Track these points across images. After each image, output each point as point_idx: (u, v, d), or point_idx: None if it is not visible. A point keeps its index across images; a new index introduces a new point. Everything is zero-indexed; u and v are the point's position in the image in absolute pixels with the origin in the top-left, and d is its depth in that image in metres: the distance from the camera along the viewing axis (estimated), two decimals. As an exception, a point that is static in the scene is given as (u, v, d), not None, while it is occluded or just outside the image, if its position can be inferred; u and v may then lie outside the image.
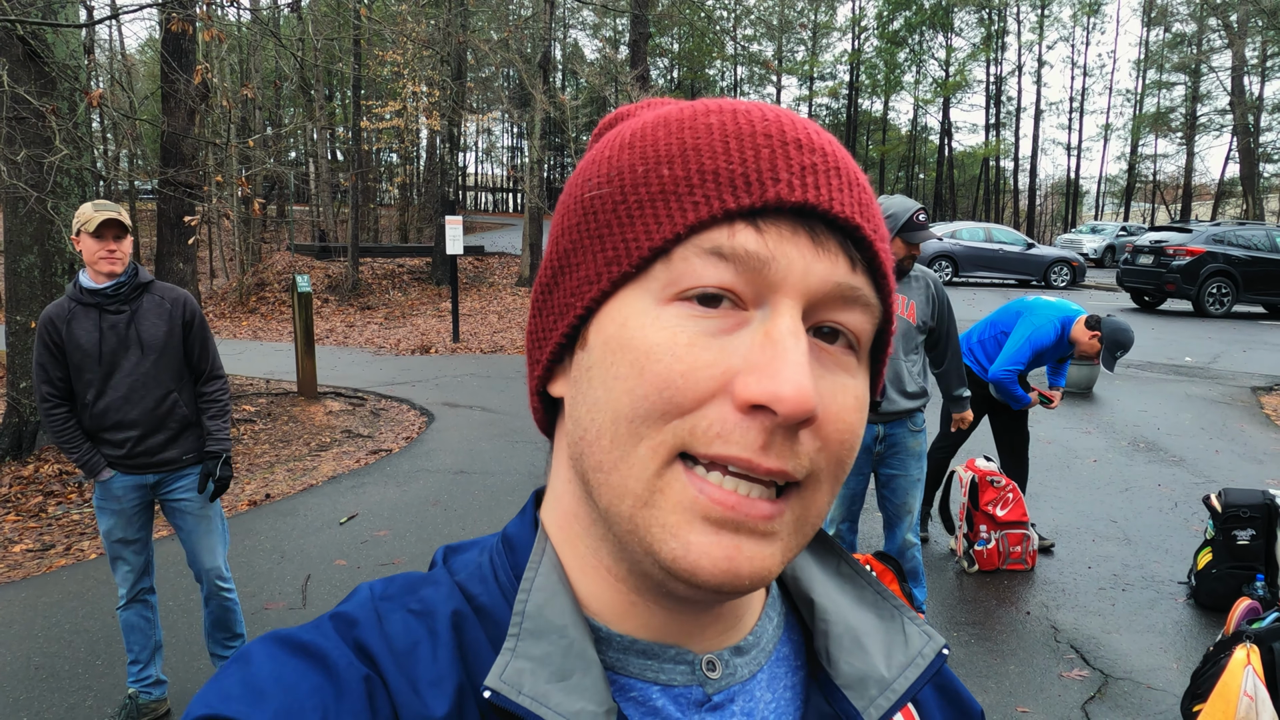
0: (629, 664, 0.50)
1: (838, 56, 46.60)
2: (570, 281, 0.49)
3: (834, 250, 0.45)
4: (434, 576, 0.53)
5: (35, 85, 7.03)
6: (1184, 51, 38.90)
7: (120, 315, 3.17)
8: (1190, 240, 15.52)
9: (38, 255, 7.51)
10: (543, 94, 17.79)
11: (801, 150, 0.45)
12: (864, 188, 0.47)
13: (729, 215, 0.44)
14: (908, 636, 0.55)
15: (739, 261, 0.44)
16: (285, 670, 0.45)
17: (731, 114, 0.46)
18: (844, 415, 0.45)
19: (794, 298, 0.44)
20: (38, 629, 4.12)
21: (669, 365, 0.43)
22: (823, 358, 0.45)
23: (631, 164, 0.47)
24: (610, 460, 0.45)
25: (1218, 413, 8.35)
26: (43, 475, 6.81)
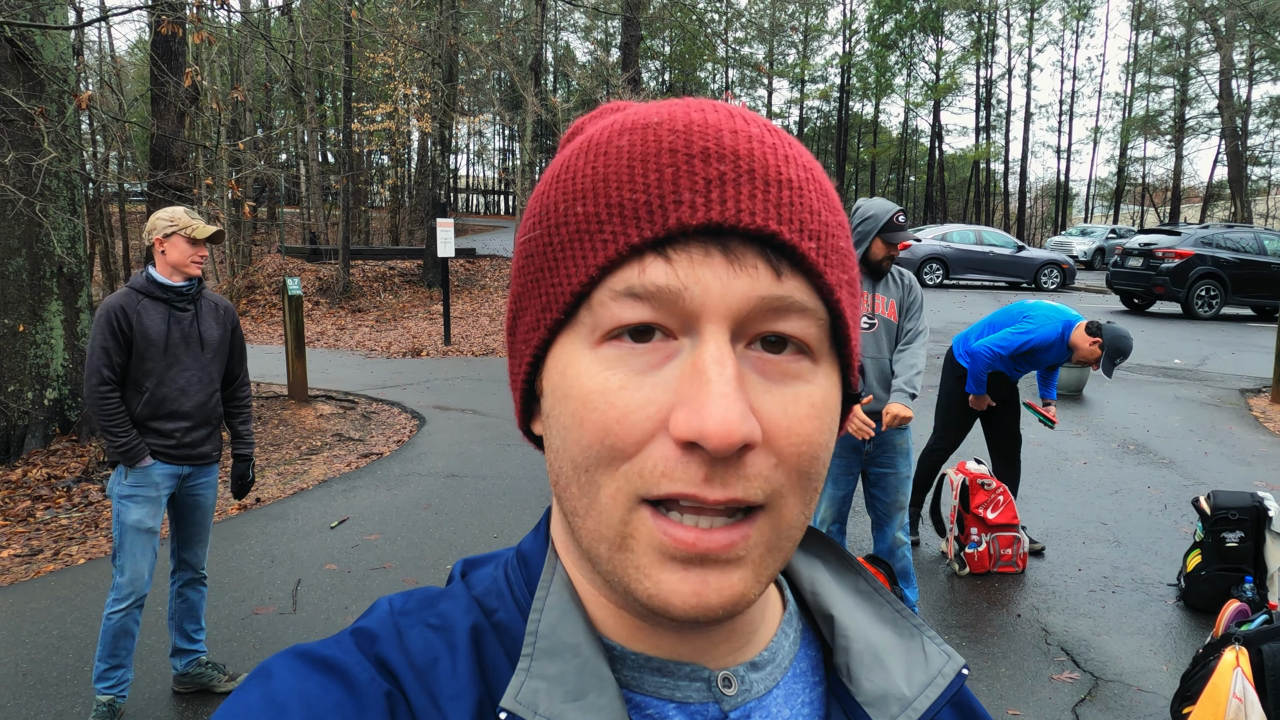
0: (644, 682, 0.49)
1: (829, 59, 46.74)
2: (522, 327, 0.50)
3: (752, 263, 0.43)
4: (452, 591, 0.53)
5: (23, 87, 7.00)
6: (1172, 55, 39.12)
7: (186, 313, 3.38)
8: (1179, 243, 15.60)
9: (26, 258, 7.47)
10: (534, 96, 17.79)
11: (708, 161, 0.43)
12: (787, 184, 0.44)
13: (635, 250, 0.43)
14: (928, 655, 0.54)
15: (652, 298, 0.43)
16: (307, 685, 0.45)
17: (643, 132, 0.45)
18: (797, 427, 0.44)
19: (717, 321, 0.43)
20: (25, 635, 4.09)
21: (604, 413, 0.43)
22: (768, 370, 0.44)
23: (555, 201, 0.47)
24: (582, 507, 0.45)
25: (1206, 415, 8.40)
26: (31, 480, 6.76)
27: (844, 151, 46.24)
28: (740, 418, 0.40)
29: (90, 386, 3.20)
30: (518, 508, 5.78)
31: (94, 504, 6.24)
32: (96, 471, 6.83)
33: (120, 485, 3.29)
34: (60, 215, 7.67)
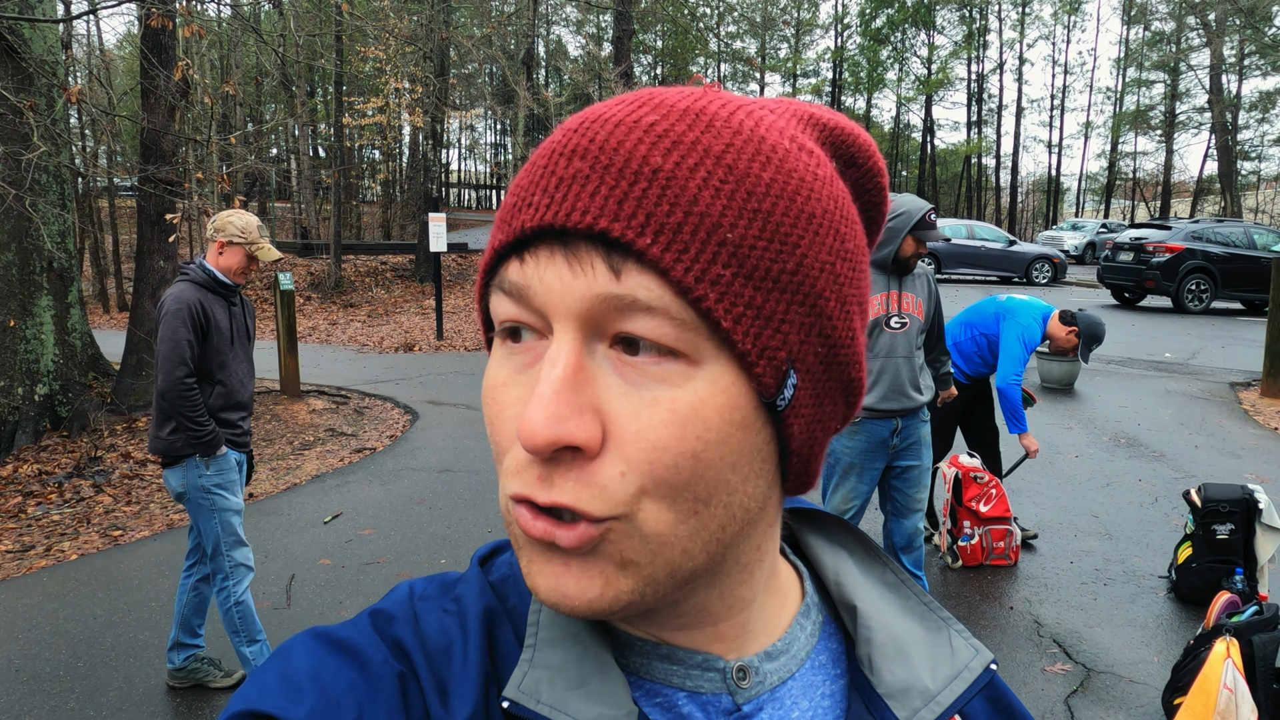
0: (653, 668, 0.49)
1: (821, 54, 46.73)
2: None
3: (589, 263, 0.41)
4: (468, 576, 0.54)
5: (12, 81, 6.96)
6: (1163, 50, 39.24)
7: (237, 308, 3.52)
8: (1170, 237, 15.66)
9: (15, 253, 7.43)
10: (526, 90, 17.75)
11: (571, 159, 0.42)
12: (649, 176, 0.41)
13: (499, 254, 0.44)
14: (954, 649, 0.53)
15: (511, 295, 0.44)
16: (323, 667, 0.46)
17: (554, 133, 0.45)
18: (648, 433, 0.41)
19: (563, 321, 0.42)
20: (18, 631, 4.08)
21: (491, 408, 0.45)
22: (627, 373, 0.42)
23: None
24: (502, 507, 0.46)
25: (1197, 408, 8.44)
26: (22, 475, 6.74)
27: (836, 146, 46.21)
28: (550, 419, 0.39)
29: (175, 379, 3.22)
30: (511, 502, 5.78)
31: (85, 500, 6.22)
32: (88, 467, 6.80)
33: (205, 477, 3.35)
34: (50, 210, 7.63)
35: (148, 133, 8.42)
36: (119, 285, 20.98)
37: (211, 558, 3.41)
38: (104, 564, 4.92)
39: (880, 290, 3.61)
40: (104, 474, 6.73)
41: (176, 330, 3.24)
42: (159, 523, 5.68)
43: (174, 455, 3.34)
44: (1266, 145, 37.93)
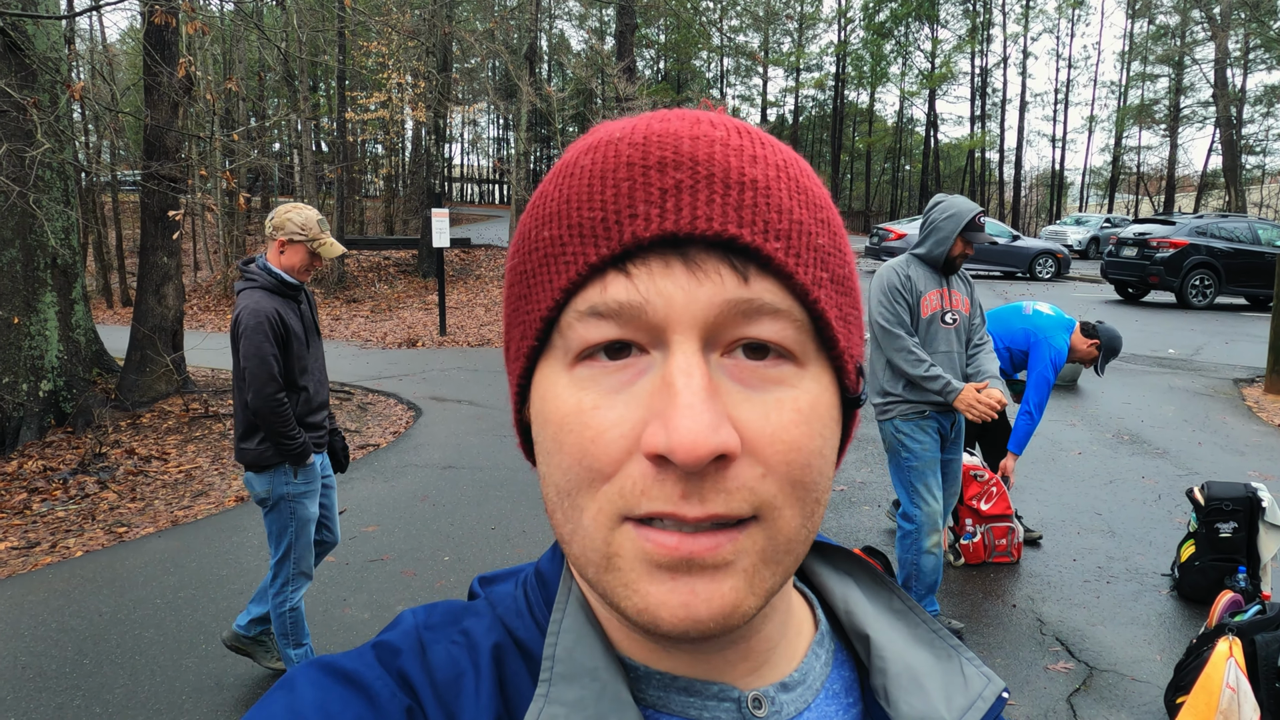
0: (670, 701, 0.49)
1: (824, 48, 46.58)
2: (510, 357, 0.51)
3: (715, 270, 0.42)
4: (476, 608, 0.53)
5: (15, 78, 6.96)
6: (1168, 44, 39.08)
7: (304, 306, 3.44)
8: (1173, 232, 15.63)
9: (20, 249, 7.44)
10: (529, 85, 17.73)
11: (665, 170, 0.42)
12: (751, 185, 0.43)
13: (594, 269, 0.43)
14: (966, 678, 0.53)
15: (615, 316, 0.42)
16: (329, 698, 0.45)
17: (604, 149, 0.45)
18: (781, 434, 0.42)
19: (684, 332, 0.42)
20: (24, 628, 4.09)
21: (579, 434, 0.43)
22: (747, 378, 0.43)
23: (529, 228, 0.47)
24: (568, 533, 0.45)
25: (1200, 405, 8.43)
26: (26, 472, 6.76)
27: (839, 141, 46.14)
28: (708, 428, 0.39)
29: (268, 395, 3.17)
30: (515, 499, 5.79)
31: (90, 496, 6.24)
32: (93, 464, 6.82)
33: (292, 485, 3.33)
34: (54, 206, 7.64)
35: (151, 129, 8.43)
36: (123, 281, 21.00)
37: (279, 562, 3.40)
38: (109, 561, 4.93)
39: (934, 288, 3.72)
40: (108, 470, 6.75)
41: (261, 346, 3.17)
42: (164, 519, 5.69)
43: (262, 464, 3.29)
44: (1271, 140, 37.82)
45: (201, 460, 7.11)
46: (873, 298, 3.73)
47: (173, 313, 8.80)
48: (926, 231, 3.75)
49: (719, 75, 48.03)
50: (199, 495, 6.22)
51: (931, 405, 3.68)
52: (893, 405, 3.73)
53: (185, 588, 4.51)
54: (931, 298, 3.71)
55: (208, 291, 19.21)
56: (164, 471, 6.81)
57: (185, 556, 4.95)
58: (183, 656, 3.79)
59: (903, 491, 3.76)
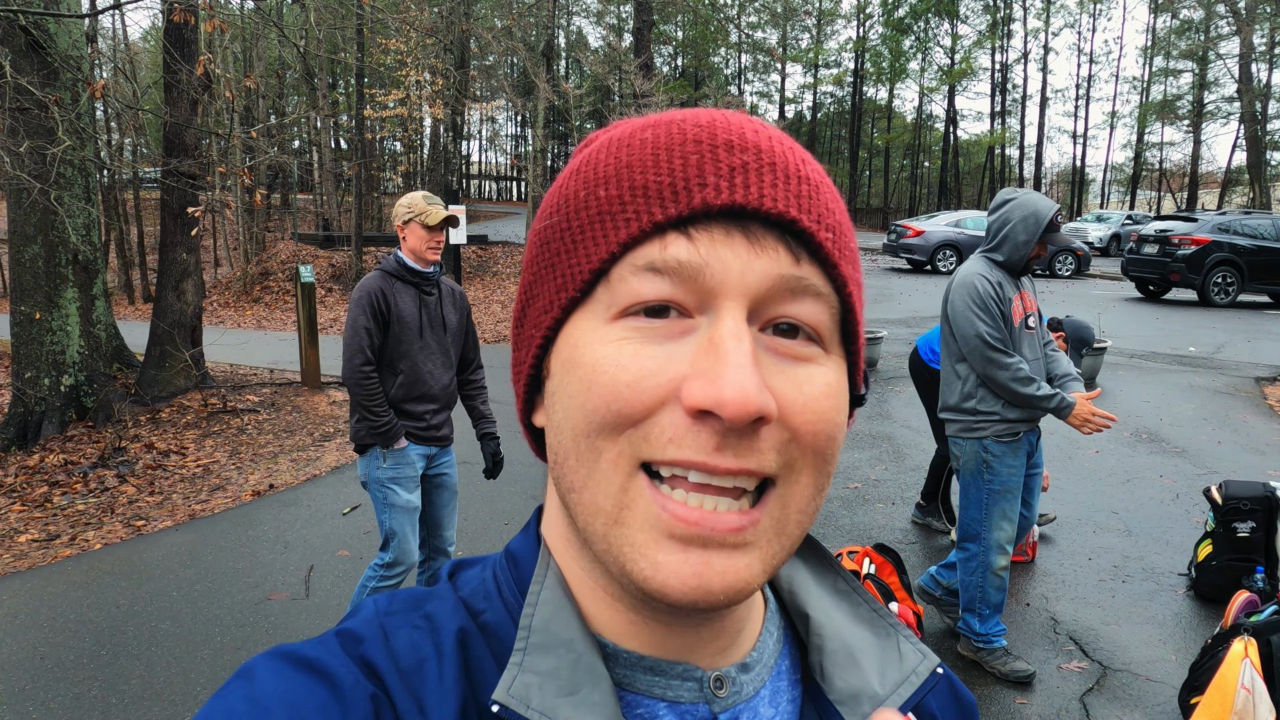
0: (636, 680, 0.50)
1: (842, 44, 46.42)
2: (533, 313, 0.51)
3: (772, 246, 0.44)
4: (438, 592, 0.53)
5: (38, 76, 7.04)
6: (1191, 38, 38.66)
7: (432, 297, 3.45)
8: (1196, 229, 15.45)
9: (41, 246, 7.53)
10: (546, 82, 17.75)
11: (732, 151, 0.45)
12: (805, 180, 0.46)
13: (659, 227, 0.44)
14: (902, 654, 0.55)
15: (673, 273, 0.44)
16: (291, 687, 0.44)
17: (666, 126, 0.47)
18: (813, 404, 0.45)
19: (736, 299, 0.44)
20: (43, 619, 4.15)
21: (614, 376, 0.44)
22: (781, 353, 0.45)
23: (575, 190, 0.48)
24: (579, 479, 0.45)
25: (1221, 403, 8.34)
26: (48, 465, 6.84)
27: (857, 137, 45.95)
28: (757, 389, 0.41)
29: (353, 367, 3.24)
30: (528, 494, 5.81)
31: (109, 490, 6.31)
32: (112, 458, 6.90)
33: (381, 470, 3.35)
34: (75, 203, 7.72)
35: (170, 127, 8.50)
36: (144, 277, 21.20)
37: (381, 546, 3.45)
38: (127, 553, 4.99)
39: (1014, 292, 3.44)
40: (128, 464, 6.82)
41: (356, 319, 3.26)
42: (181, 513, 5.75)
43: (360, 444, 3.36)
44: (1297, 135, 37.33)
45: (219, 455, 7.17)
46: (964, 308, 3.37)
47: (192, 309, 8.87)
48: (1002, 234, 3.43)
49: (737, 72, 47.92)
50: (216, 489, 6.28)
51: (1025, 424, 3.44)
52: (985, 424, 3.43)
53: (201, 581, 4.55)
54: (1016, 304, 3.43)
55: (227, 288, 19.36)
56: (182, 466, 6.88)
57: (202, 550, 5.00)
58: (198, 648, 3.82)
59: (976, 512, 3.50)
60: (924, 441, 6.91)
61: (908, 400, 8.26)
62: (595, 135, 0.54)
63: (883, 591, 3.57)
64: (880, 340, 9.72)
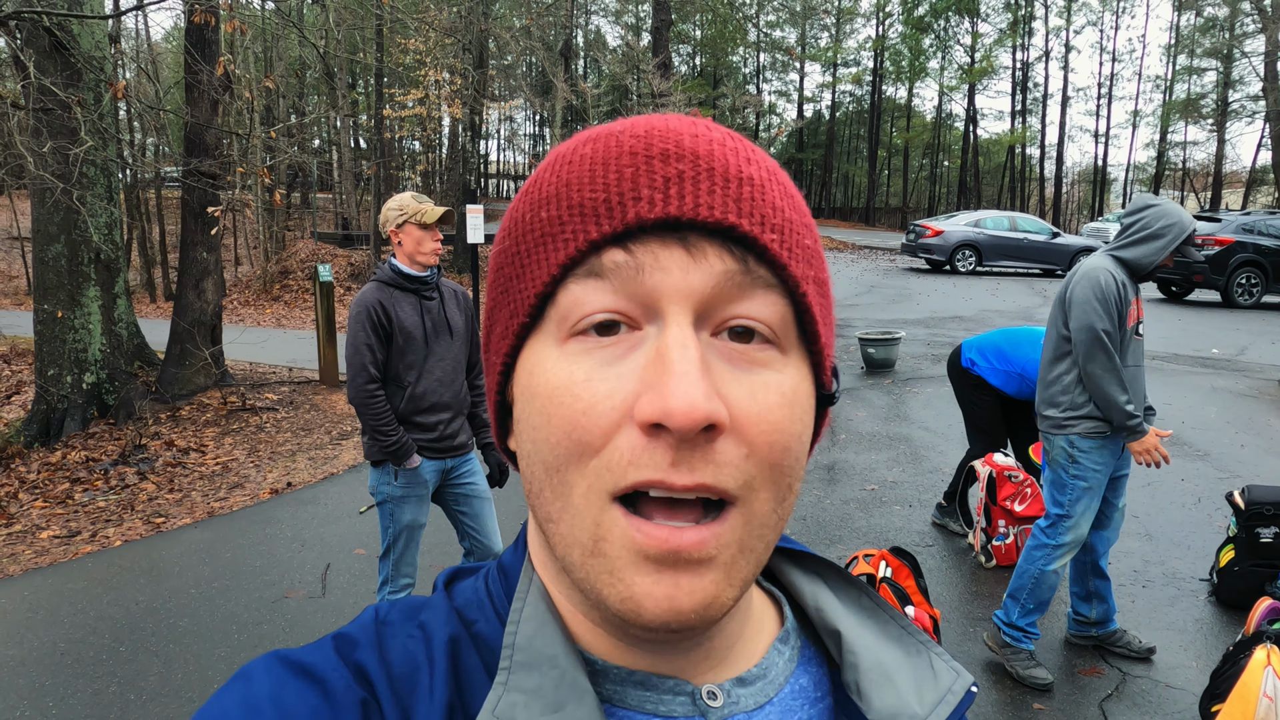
0: (626, 696, 0.49)
1: (862, 43, 46.20)
2: (494, 340, 0.51)
3: (715, 254, 0.44)
4: (432, 602, 0.53)
5: (61, 77, 7.11)
6: (1216, 36, 38.22)
7: (433, 301, 3.32)
8: (1219, 229, 15.28)
9: (64, 245, 7.61)
10: (564, 82, 17.78)
11: (668, 161, 0.44)
12: (747, 181, 0.45)
13: (594, 245, 0.44)
14: (936, 672, 0.54)
15: (612, 275, 0.43)
16: (284, 690, 0.45)
17: (605, 139, 0.46)
18: (767, 414, 0.44)
19: (680, 303, 0.43)
20: (63, 615, 4.19)
21: (570, 405, 0.43)
22: (735, 358, 0.44)
23: (522, 212, 0.48)
24: (555, 511, 0.45)
25: (1244, 406, 8.24)
26: (70, 462, 6.91)
27: (876, 136, 45.74)
28: (703, 396, 0.40)
29: (357, 386, 3.15)
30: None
31: (130, 486, 6.37)
32: (133, 455, 6.96)
33: (390, 486, 3.26)
34: (97, 202, 7.80)
35: (192, 126, 8.57)
36: (165, 275, 21.40)
37: (381, 558, 3.41)
38: (146, 550, 5.03)
39: (1133, 295, 3.46)
40: (148, 461, 6.88)
41: (356, 335, 3.15)
42: (200, 510, 5.79)
43: (373, 459, 3.27)
44: (1323, 134, 36.81)
45: (238, 453, 7.22)
46: (1090, 302, 3.37)
47: (212, 307, 8.95)
48: (1140, 236, 3.44)
49: (755, 71, 47.81)
50: (235, 487, 6.33)
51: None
52: (1075, 420, 3.47)
53: (219, 578, 4.59)
54: (1133, 308, 3.45)
55: (247, 287, 19.50)
56: (201, 463, 6.94)
57: (220, 547, 5.03)
58: (215, 646, 3.85)
59: (1056, 508, 3.53)
60: (941, 444, 6.86)
61: (925, 401, 8.22)
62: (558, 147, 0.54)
63: (898, 595, 3.54)
64: (898, 341, 9.66)
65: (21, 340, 11.60)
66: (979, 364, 5.01)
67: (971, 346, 5.10)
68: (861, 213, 47.24)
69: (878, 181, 47.75)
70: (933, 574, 4.52)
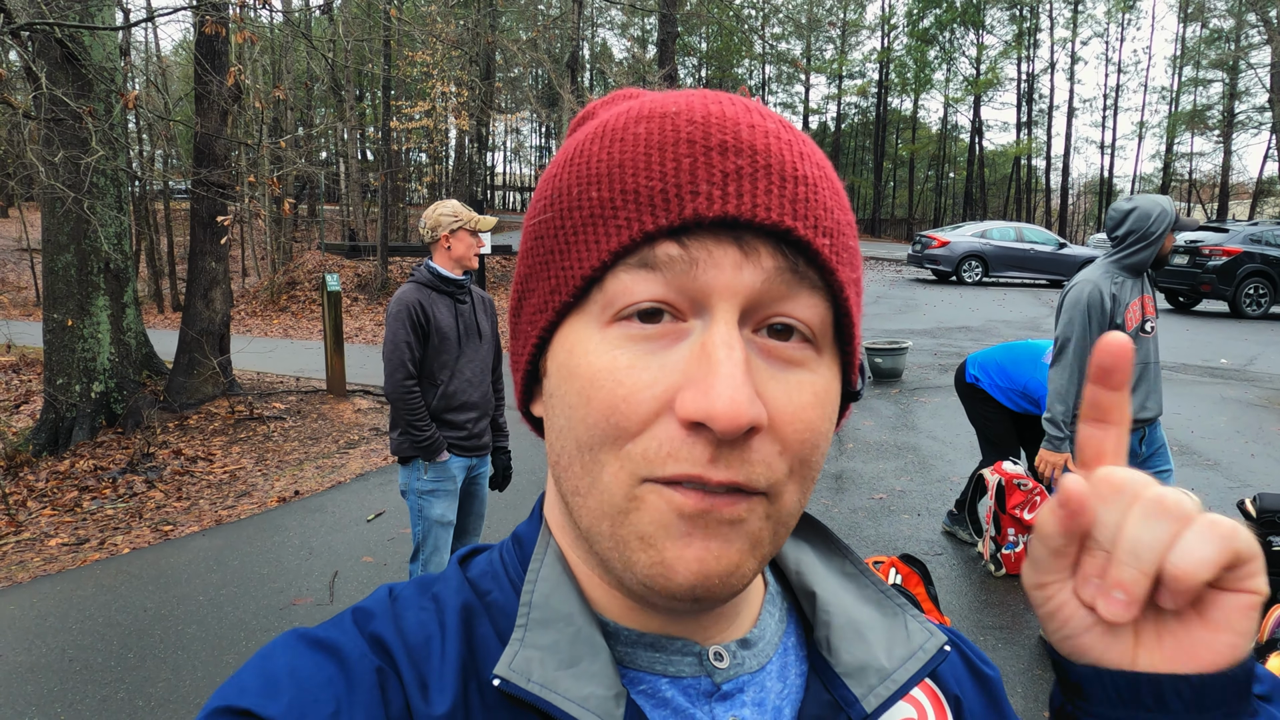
0: (637, 657, 0.50)
1: (867, 55, 46.30)
2: (528, 308, 0.51)
3: (766, 254, 0.44)
4: (446, 575, 0.55)
5: (72, 87, 7.16)
6: (1222, 48, 38.23)
7: (465, 305, 3.47)
8: (1227, 240, 15.24)
9: (74, 254, 7.65)
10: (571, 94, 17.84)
11: (726, 154, 0.44)
12: (802, 180, 0.45)
13: (649, 237, 0.44)
14: (909, 631, 0.55)
15: (665, 268, 0.44)
16: (301, 663, 0.46)
17: (660, 120, 0.46)
18: (801, 414, 0.45)
19: (728, 301, 0.43)
20: (72, 622, 4.19)
21: (611, 390, 0.44)
22: (773, 356, 0.45)
23: (569, 185, 0.47)
24: (584, 485, 0.46)
25: (1254, 416, 8.20)
26: (78, 470, 6.93)
27: (882, 148, 45.80)
28: (748, 401, 0.41)
29: (395, 382, 3.27)
30: (539, 490, 5.80)
31: (138, 495, 6.38)
32: (141, 463, 6.98)
33: (421, 481, 3.37)
34: (107, 212, 7.84)
35: (201, 137, 8.62)
36: (173, 286, 21.49)
37: (411, 558, 3.47)
38: (154, 558, 5.04)
39: (1136, 295, 3.53)
40: (156, 470, 6.90)
41: (396, 333, 3.28)
42: (208, 518, 5.80)
43: (403, 456, 3.38)
44: (1330, 145, 36.76)
45: (245, 461, 7.23)
46: (1065, 312, 3.55)
47: (220, 317, 8.98)
48: (1135, 240, 3.52)
49: (761, 83, 47.93)
50: (242, 495, 6.33)
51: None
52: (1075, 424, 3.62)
53: (227, 585, 4.59)
54: (1134, 309, 3.52)
55: (254, 297, 19.57)
56: (209, 472, 6.95)
57: (228, 555, 5.04)
58: (224, 653, 3.85)
59: None
60: (949, 453, 6.84)
61: (933, 411, 8.20)
62: (593, 108, 0.53)
63: (909, 603, 3.53)
64: (905, 351, 9.64)
65: (31, 350, 11.66)
66: (983, 380, 5.01)
67: (975, 362, 5.10)
68: (867, 224, 47.27)
69: (883, 193, 47.77)
70: (942, 582, 4.50)
